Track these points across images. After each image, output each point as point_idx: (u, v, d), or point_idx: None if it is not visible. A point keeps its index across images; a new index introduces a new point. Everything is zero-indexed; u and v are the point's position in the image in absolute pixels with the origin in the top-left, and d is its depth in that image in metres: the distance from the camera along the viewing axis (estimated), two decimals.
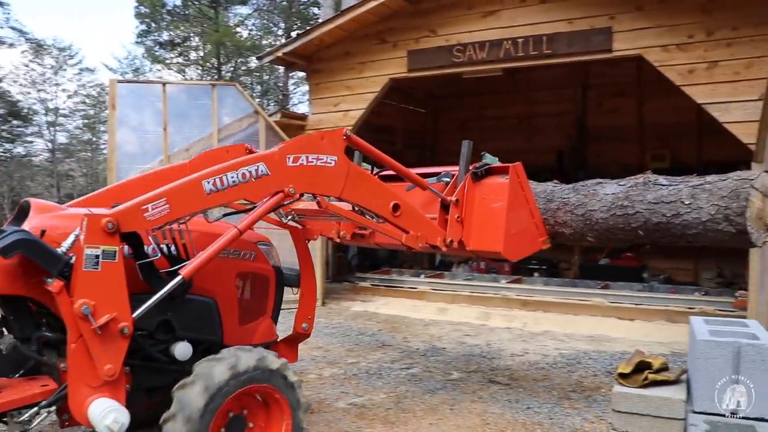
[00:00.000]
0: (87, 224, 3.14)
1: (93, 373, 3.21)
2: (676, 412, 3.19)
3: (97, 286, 3.18)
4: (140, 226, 3.36)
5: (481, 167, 4.92)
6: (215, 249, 3.54)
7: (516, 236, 4.83)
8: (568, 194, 5.42)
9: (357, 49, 10.20)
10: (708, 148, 12.12)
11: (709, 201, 4.72)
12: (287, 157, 3.76)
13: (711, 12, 7.68)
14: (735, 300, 8.63)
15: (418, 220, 4.52)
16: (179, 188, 3.45)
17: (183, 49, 28.39)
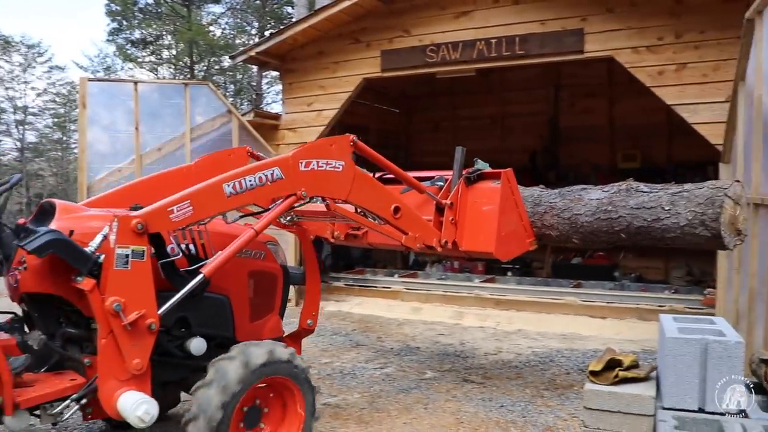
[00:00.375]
0: (118, 225, 3.29)
1: (122, 367, 3.34)
2: (646, 408, 3.23)
3: (127, 284, 3.33)
4: (166, 227, 3.52)
5: (474, 172, 5.28)
6: (234, 248, 3.74)
7: (506, 237, 5.18)
8: (555, 199, 5.80)
9: (330, 49, 10.19)
10: (677, 148, 12.28)
11: (687, 207, 5.12)
12: (300, 162, 3.98)
13: (679, 15, 7.79)
14: (704, 298, 8.76)
15: (416, 221, 4.83)
16: (202, 191, 3.62)
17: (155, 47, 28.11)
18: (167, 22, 26.78)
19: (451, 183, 5.27)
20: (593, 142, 13.23)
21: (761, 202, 5.00)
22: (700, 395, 3.15)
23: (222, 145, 9.51)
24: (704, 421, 3.06)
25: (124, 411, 3.29)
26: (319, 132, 10.28)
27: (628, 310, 8.88)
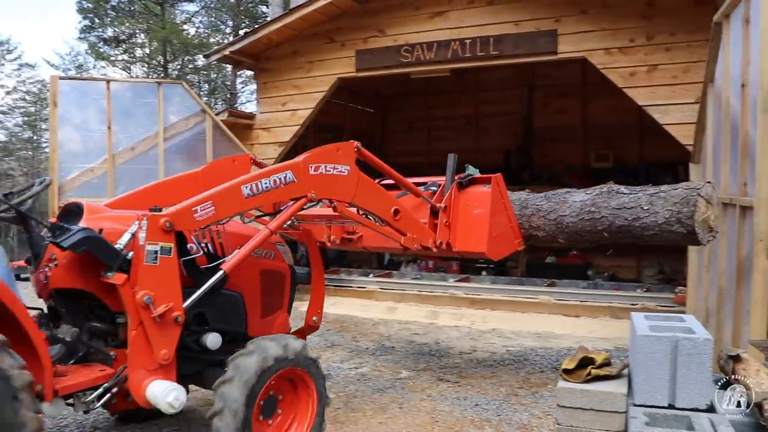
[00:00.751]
0: (148, 223, 3.50)
1: (150, 358, 3.55)
2: (618, 405, 3.27)
3: (156, 278, 3.53)
4: (191, 226, 3.74)
5: (466, 177, 5.63)
6: (251, 247, 4.01)
7: (497, 238, 5.53)
8: (541, 202, 6.24)
9: (305, 49, 10.16)
10: (649, 148, 12.45)
11: (664, 206, 5.54)
12: (310, 166, 4.21)
13: (650, 18, 7.89)
14: (675, 296, 8.89)
15: (414, 223, 5.14)
16: (223, 192, 3.85)
17: (128, 45, 27.77)
18: (140, 20, 26.47)
19: (444, 188, 5.57)
20: (567, 142, 13.36)
21: (729, 201, 5.09)
22: (671, 392, 3.19)
23: (196, 145, 9.45)
24: (674, 416, 3.10)
25: (154, 398, 3.48)
26: (294, 132, 10.25)
27: (602, 309, 8.98)
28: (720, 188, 5.56)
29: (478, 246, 5.45)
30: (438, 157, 14.33)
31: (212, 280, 3.77)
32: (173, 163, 9.20)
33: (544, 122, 13.64)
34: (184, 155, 9.46)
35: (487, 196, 5.48)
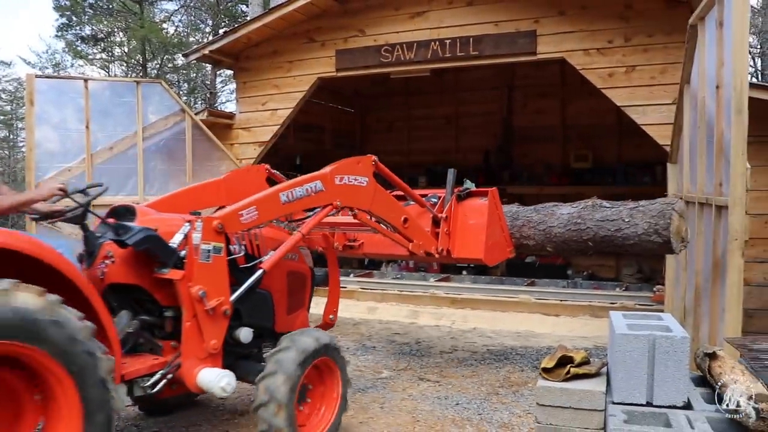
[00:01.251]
0: (203, 225, 3.85)
1: (201, 347, 3.88)
2: (596, 403, 3.30)
3: (209, 275, 3.88)
4: (237, 228, 4.12)
5: (464, 191, 6.15)
6: (286, 248, 4.43)
7: (492, 246, 6.09)
8: (531, 214, 6.96)
9: (285, 48, 10.13)
10: (627, 148, 12.56)
11: (643, 219, 6.29)
12: (336, 177, 4.70)
13: (628, 19, 7.96)
14: (653, 294, 8.98)
15: (420, 231, 5.66)
16: (264, 198, 4.28)
17: (106, 44, 27.51)
18: (119, 19, 26.21)
19: (444, 200, 6.08)
20: (546, 142, 13.44)
21: (706, 201, 5.15)
22: (648, 389, 3.23)
23: (175, 145, 9.39)
24: (652, 414, 3.14)
25: (208, 384, 3.81)
26: (273, 131, 10.21)
27: (581, 308, 9.04)
28: (696, 188, 5.64)
29: (475, 253, 5.98)
30: (418, 157, 14.49)
31: (254, 278, 4.16)
32: (152, 163, 9.13)
33: (524, 122, 13.71)
34: (164, 155, 9.39)
35: (485, 208, 6.02)
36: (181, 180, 9.39)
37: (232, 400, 5.47)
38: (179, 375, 3.91)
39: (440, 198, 6.14)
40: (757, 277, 7.59)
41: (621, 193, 11.76)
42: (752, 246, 7.26)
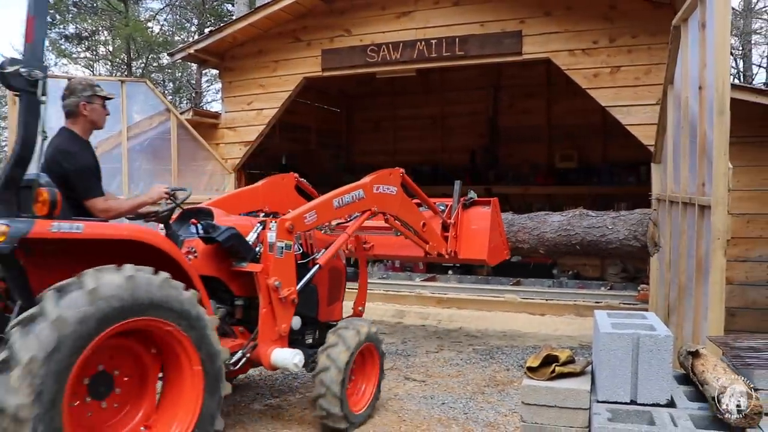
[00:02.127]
0: (277, 226, 4.53)
1: (274, 330, 4.55)
2: (581, 402, 3.31)
3: (282, 268, 4.55)
4: (302, 228, 4.82)
5: (469, 200, 7.05)
6: (336, 247, 5.11)
7: (493, 249, 6.99)
8: (526, 221, 8.30)
9: (271, 48, 10.11)
10: (612, 148, 12.64)
11: (624, 226, 7.69)
12: (374, 186, 5.42)
13: (613, 20, 8.01)
14: (638, 293, 9.03)
15: (434, 234, 6.50)
16: (322, 204, 5.00)
17: (91, 43, 27.28)
18: (103, 17, 26.00)
19: (451, 208, 6.97)
20: (532, 142, 13.50)
21: (689, 201, 5.18)
22: (632, 388, 3.24)
23: (160, 144, 9.34)
24: (636, 412, 3.15)
25: (283, 361, 4.46)
26: (259, 131, 10.19)
27: (566, 307, 9.08)
28: (680, 188, 5.68)
29: (479, 254, 6.88)
30: (404, 157, 14.49)
31: (312, 271, 4.88)
32: (137, 163, 9.07)
33: (510, 122, 13.76)
34: (149, 154, 9.33)
35: (487, 215, 6.92)
36: (166, 180, 9.34)
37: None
38: (255, 354, 4.50)
39: (447, 206, 7.00)
40: (740, 276, 7.66)
41: (606, 193, 11.89)
42: (734, 245, 7.33)
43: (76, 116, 4.34)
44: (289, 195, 6.10)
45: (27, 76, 3.36)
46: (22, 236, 3.25)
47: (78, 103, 4.31)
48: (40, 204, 3.47)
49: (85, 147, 4.25)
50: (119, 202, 4.27)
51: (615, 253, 7.77)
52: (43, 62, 3.50)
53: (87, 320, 3.22)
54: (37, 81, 3.41)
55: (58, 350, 3.10)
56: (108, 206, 4.11)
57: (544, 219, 8.24)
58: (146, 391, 3.80)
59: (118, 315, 3.36)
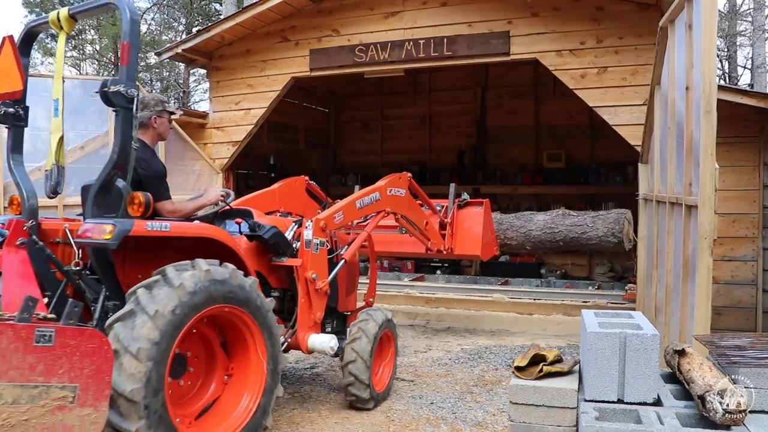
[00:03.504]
0: (313, 224, 5.13)
1: (311, 318, 5.13)
2: (569, 401, 3.32)
3: (317, 262, 5.15)
4: (333, 227, 5.46)
5: (463, 201, 7.71)
6: (358, 243, 5.79)
7: (486, 245, 7.63)
8: (513, 220, 9.34)
9: (259, 47, 10.08)
10: (600, 149, 12.69)
11: (603, 224, 8.78)
12: (388, 189, 6.12)
13: (600, 21, 8.04)
14: (625, 293, 9.08)
15: (434, 232, 7.22)
16: (347, 205, 5.64)
17: (78, 42, 27.13)
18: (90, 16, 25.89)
19: (447, 208, 7.56)
20: (519, 142, 13.53)
21: (676, 201, 5.22)
22: (620, 387, 3.26)
23: None
24: (623, 410, 3.17)
25: (320, 345, 5.03)
26: (247, 131, 10.16)
27: (554, 307, 9.11)
28: (667, 188, 5.72)
29: (474, 250, 7.52)
30: (391, 157, 14.52)
31: (339, 265, 5.49)
32: None
33: (497, 122, 13.78)
34: None
35: (480, 215, 7.57)
36: None
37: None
38: (294, 340, 5.04)
39: (444, 206, 7.57)
40: (725, 275, 7.72)
41: (593, 193, 11.95)
42: (720, 245, 7.39)
43: (147, 127, 4.67)
44: (301, 196, 6.64)
45: (125, 93, 3.85)
46: (125, 234, 3.72)
47: (150, 116, 4.66)
48: (135, 206, 3.94)
49: (154, 155, 4.61)
50: (184, 204, 4.67)
51: (594, 248, 8.95)
52: (135, 82, 3.95)
53: (178, 312, 3.71)
54: (133, 98, 3.88)
55: (158, 340, 3.59)
56: (175, 208, 4.51)
57: (530, 218, 9.20)
58: (215, 369, 4.31)
59: (200, 305, 3.86)
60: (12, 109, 4.40)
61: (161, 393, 3.61)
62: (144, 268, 4.09)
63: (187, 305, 3.77)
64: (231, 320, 4.21)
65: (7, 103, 4.37)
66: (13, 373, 2.81)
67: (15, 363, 2.82)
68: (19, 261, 3.92)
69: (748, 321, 7.67)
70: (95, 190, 3.94)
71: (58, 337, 2.95)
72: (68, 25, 4.23)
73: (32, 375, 2.87)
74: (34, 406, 2.86)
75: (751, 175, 7.65)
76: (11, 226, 4.01)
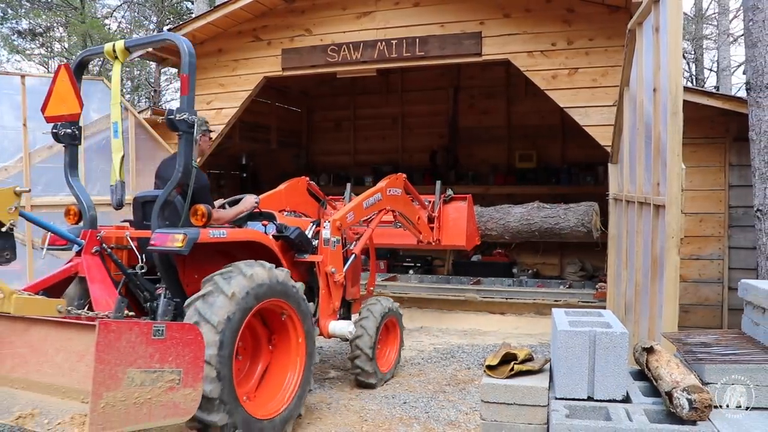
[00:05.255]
0: (331, 225, 5.85)
1: (330, 307, 5.87)
2: (540, 399, 3.36)
3: (335, 258, 5.88)
4: (346, 226, 6.19)
5: (448, 196, 8.43)
6: (365, 239, 6.67)
7: (469, 236, 8.44)
8: (492, 213, 10.28)
9: (230, 46, 10.02)
10: (571, 149, 12.80)
11: (574, 216, 9.72)
12: (387, 189, 6.88)
13: (571, 22, 8.12)
14: (596, 291, 9.19)
15: (425, 226, 7.95)
16: (356, 206, 6.36)
17: (45, 39, 26.67)
18: (58, 13, 25.44)
19: (434, 203, 8.31)
20: (491, 142, 13.60)
21: (644, 200, 5.29)
22: (589, 384, 3.30)
23: None
24: (593, 408, 3.22)
25: (340, 330, 5.79)
26: (219, 131, 10.08)
27: (526, 306, 9.19)
28: (636, 188, 5.79)
29: (459, 241, 8.31)
30: (364, 157, 14.51)
31: (351, 259, 6.26)
32: (94, 162, 8.90)
33: (470, 123, 13.84)
34: (106, 154, 9.12)
35: (464, 209, 8.36)
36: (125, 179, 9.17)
37: None
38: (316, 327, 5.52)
39: (431, 202, 8.30)
40: (693, 274, 7.85)
41: (565, 193, 12.05)
42: (688, 244, 7.51)
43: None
44: (303, 196, 7.15)
45: (187, 120, 4.45)
46: (195, 242, 4.32)
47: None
48: (199, 216, 4.53)
49: (198, 169, 4.83)
50: (225, 212, 5.22)
51: (567, 238, 9.77)
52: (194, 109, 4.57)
53: (248, 297, 4.42)
54: (194, 124, 4.49)
55: (231, 317, 4.26)
56: (219, 216, 5.02)
57: (508, 210, 10.15)
58: (260, 352, 5.01)
59: (263, 295, 4.56)
60: (69, 130, 4.94)
61: (230, 364, 4.25)
62: (198, 269, 4.77)
63: (254, 294, 4.47)
64: (275, 311, 4.87)
65: (65, 124, 4.91)
66: (140, 361, 3.32)
67: (141, 353, 3.32)
68: (96, 266, 4.57)
69: (714, 318, 7.80)
70: (161, 203, 4.52)
71: (168, 331, 3.47)
72: (123, 56, 4.82)
73: (152, 362, 3.38)
74: (154, 387, 3.39)
75: (717, 176, 7.78)
76: (86, 236, 4.64)
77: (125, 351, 3.25)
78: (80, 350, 3.36)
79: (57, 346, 3.48)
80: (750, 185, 6.61)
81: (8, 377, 3.61)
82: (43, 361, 3.50)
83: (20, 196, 3.94)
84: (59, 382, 3.40)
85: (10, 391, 3.56)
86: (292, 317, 4.93)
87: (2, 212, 3.84)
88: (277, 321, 4.95)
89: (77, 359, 3.36)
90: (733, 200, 7.70)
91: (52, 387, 3.42)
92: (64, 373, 3.39)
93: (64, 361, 3.42)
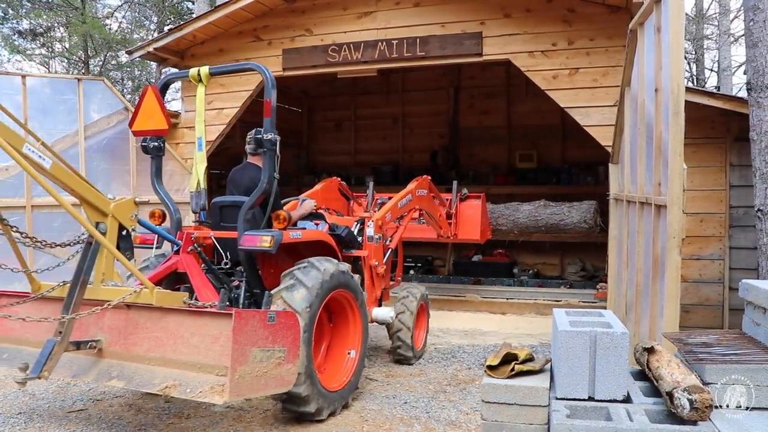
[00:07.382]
0: (374, 224, 6.53)
1: (373, 295, 6.60)
2: (540, 399, 3.36)
3: (377, 252, 6.62)
4: (386, 225, 6.85)
5: (464, 195, 9.03)
6: (399, 235, 7.38)
7: (483, 231, 9.03)
8: (503, 210, 11.13)
9: (231, 47, 10.02)
10: (571, 149, 12.80)
11: (577, 213, 10.54)
12: (417, 191, 7.57)
13: (571, 23, 8.11)
14: (596, 292, 9.18)
15: (444, 222, 8.65)
16: (392, 207, 7.03)
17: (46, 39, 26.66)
18: (59, 13, 25.42)
19: (451, 201, 8.87)
20: (492, 142, 13.60)
21: (645, 200, 5.29)
22: (590, 384, 3.30)
23: (119, 143, 9.19)
24: (593, 408, 3.21)
25: (383, 316, 6.50)
26: (220, 131, 10.08)
27: (527, 306, 9.18)
28: (637, 188, 5.79)
29: (474, 235, 8.89)
30: (365, 157, 14.52)
31: (389, 253, 7.00)
32: (95, 163, 8.91)
33: (470, 123, 13.85)
34: (107, 154, 9.17)
35: (478, 206, 8.96)
36: (124, 180, 9.19)
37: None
38: None
39: (448, 200, 8.88)
40: (693, 274, 7.84)
41: (565, 193, 12.05)
42: (689, 244, 7.51)
43: (257, 155, 5.70)
44: (334, 194, 7.86)
45: (272, 139, 5.24)
46: (280, 242, 4.99)
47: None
48: (281, 220, 5.17)
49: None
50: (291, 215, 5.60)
51: (570, 232, 10.65)
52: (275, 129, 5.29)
53: (322, 287, 5.03)
54: (276, 142, 5.24)
55: (310, 305, 4.89)
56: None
57: (517, 207, 11.01)
58: (323, 331, 5.61)
59: (333, 286, 5.21)
60: (156, 143, 5.46)
61: (311, 345, 4.88)
62: (273, 264, 5.52)
63: (327, 285, 5.09)
64: (338, 299, 5.48)
65: (153, 138, 5.42)
66: (260, 342, 4.03)
67: (260, 336, 4.03)
68: (193, 263, 5.21)
69: (715, 318, 7.79)
70: (247, 208, 5.17)
71: (277, 318, 4.19)
72: (206, 80, 5.43)
73: (267, 343, 4.09)
74: (268, 363, 4.09)
75: (718, 176, 7.77)
76: (183, 237, 5.28)
77: (251, 334, 3.96)
78: (215, 333, 4.03)
79: (192, 330, 4.14)
80: (751, 185, 6.60)
81: (146, 356, 4.27)
82: (180, 343, 4.15)
83: (138, 206, 4.70)
84: (195, 360, 4.05)
85: (148, 368, 4.23)
86: (351, 303, 5.61)
87: (126, 219, 4.60)
88: (338, 306, 5.61)
89: (212, 341, 4.03)
90: (734, 200, 7.70)
91: (188, 364, 4.07)
92: (200, 353, 4.05)
93: (200, 343, 4.08)
